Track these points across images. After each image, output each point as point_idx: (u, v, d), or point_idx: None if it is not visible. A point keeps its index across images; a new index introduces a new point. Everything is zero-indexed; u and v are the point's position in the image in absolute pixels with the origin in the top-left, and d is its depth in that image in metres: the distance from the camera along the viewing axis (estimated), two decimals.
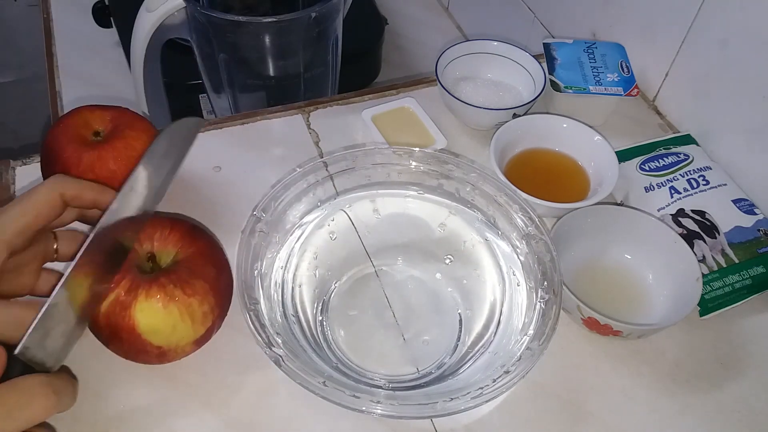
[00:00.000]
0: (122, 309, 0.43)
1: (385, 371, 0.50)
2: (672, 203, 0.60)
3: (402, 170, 0.56)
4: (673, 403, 0.51)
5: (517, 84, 0.73)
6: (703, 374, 0.53)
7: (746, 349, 0.55)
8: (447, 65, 0.72)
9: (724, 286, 0.56)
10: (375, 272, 0.56)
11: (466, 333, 0.52)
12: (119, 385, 0.49)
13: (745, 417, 0.51)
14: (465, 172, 0.55)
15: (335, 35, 0.90)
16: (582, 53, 0.72)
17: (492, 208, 0.55)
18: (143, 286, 0.44)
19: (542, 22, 0.95)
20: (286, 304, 0.51)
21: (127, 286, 0.44)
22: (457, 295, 0.55)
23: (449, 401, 0.42)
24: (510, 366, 0.44)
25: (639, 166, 0.64)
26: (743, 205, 0.60)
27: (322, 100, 0.73)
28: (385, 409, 0.41)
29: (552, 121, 0.66)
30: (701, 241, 0.58)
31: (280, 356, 0.43)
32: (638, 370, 0.53)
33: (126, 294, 0.43)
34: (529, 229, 0.52)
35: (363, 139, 0.69)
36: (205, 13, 0.78)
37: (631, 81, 0.69)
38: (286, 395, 0.49)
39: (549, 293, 0.48)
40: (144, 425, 0.47)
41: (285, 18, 0.78)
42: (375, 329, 0.53)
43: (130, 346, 0.45)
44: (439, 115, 0.71)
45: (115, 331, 0.44)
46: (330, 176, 0.55)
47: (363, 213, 0.58)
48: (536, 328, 0.47)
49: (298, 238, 0.55)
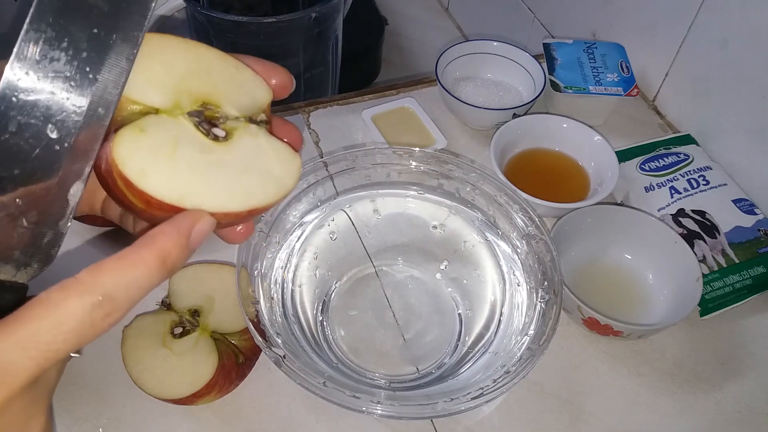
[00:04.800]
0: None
1: (385, 371, 0.50)
2: (672, 203, 0.60)
3: (402, 170, 0.56)
4: (673, 403, 0.51)
5: (517, 84, 0.73)
6: (703, 374, 0.53)
7: (746, 349, 0.55)
8: (447, 65, 0.72)
9: (725, 286, 0.56)
10: (375, 272, 0.56)
11: (467, 333, 0.52)
12: (119, 385, 0.49)
13: (745, 417, 0.51)
14: (465, 172, 0.55)
15: (335, 35, 0.90)
16: (582, 53, 0.72)
17: (492, 208, 0.55)
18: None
19: (542, 22, 0.95)
20: (286, 304, 0.51)
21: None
22: (457, 295, 0.55)
23: (449, 401, 0.42)
24: (510, 366, 0.44)
25: (639, 166, 0.64)
26: (743, 205, 0.60)
27: (322, 100, 0.73)
28: (385, 410, 0.41)
29: (552, 121, 0.66)
30: (701, 241, 0.58)
31: (280, 356, 0.43)
32: (638, 370, 0.53)
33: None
34: (529, 229, 0.52)
35: (363, 139, 0.69)
36: (205, 13, 0.78)
37: (631, 81, 0.69)
38: (286, 395, 0.49)
39: (549, 293, 0.48)
40: (143, 424, 0.47)
41: (285, 18, 0.78)
42: (375, 329, 0.53)
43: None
44: (439, 115, 0.71)
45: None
46: (330, 176, 0.55)
47: (363, 213, 0.58)
48: (536, 329, 0.47)
49: (298, 238, 0.55)
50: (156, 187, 0.27)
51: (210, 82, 0.30)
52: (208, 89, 0.30)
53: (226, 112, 0.30)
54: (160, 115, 0.28)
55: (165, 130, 0.28)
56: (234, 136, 0.30)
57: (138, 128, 0.27)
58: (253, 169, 0.30)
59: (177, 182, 0.27)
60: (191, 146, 0.28)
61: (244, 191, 0.29)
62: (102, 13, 0.26)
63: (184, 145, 0.28)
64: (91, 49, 0.27)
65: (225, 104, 0.30)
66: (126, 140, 0.27)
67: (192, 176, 0.28)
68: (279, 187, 0.30)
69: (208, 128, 0.29)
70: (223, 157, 0.29)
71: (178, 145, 0.28)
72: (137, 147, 0.27)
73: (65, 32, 0.26)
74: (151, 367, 0.45)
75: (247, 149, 0.30)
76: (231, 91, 0.30)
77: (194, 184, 0.28)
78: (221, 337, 0.48)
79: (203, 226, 0.28)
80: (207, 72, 0.30)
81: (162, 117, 0.28)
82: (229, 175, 0.29)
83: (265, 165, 0.30)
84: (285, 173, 0.31)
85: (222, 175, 0.29)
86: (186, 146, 0.28)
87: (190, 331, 0.47)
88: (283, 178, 0.30)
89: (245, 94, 0.31)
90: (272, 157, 0.31)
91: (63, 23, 0.26)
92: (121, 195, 0.27)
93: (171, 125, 0.28)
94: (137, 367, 0.46)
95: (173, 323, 0.48)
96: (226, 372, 0.46)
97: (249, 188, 0.29)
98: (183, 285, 0.50)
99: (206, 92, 0.30)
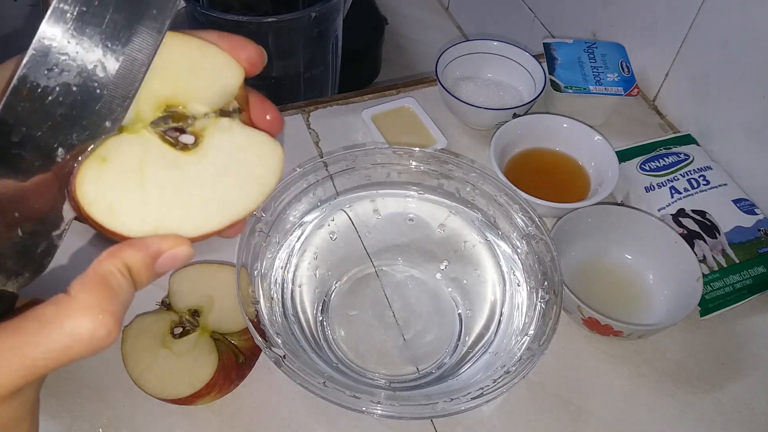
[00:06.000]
0: None
1: (385, 371, 0.50)
2: (672, 203, 0.60)
3: (402, 170, 0.56)
4: (673, 403, 0.51)
5: (517, 84, 0.73)
6: (703, 374, 0.53)
7: (746, 349, 0.55)
8: (447, 65, 0.72)
9: (725, 286, 0.56)
10: (375, 272, 0.56)
11: (467, 333, 0.52)
12: (119, 385, 0.49)
13: (745, 417, 0.51)
14: (465, 172, 0.55)
15: (335, 35, 0.90)
16: (582, 53, 0.72)
17: (492, 208, 0.55)
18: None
19: (542, 22, 0.95)
20: (286, 304, 0.51)
21: None
22: (457, 295, 0.55)
23: (449, 401, 0.42)
24: (510, 366, 0.44)
25: (639, 166, 0.64)
26: (743, 205, 0.60)
27: (322, 100, 0.73)
28: (385, 410, 0.41)
29: (552, 121, 0.66)
30: (702, 241, 0.57)
31: (280, 356, 0.43)
32: (638, 370, 0.53)
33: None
34: (529, 229, 0.52)
35: (363, 139, 0.69)
36: (205, 13, 0.78)
37: (632, 81, 0.69)
38: (286, 395, 0.49)
39: (549, 293, 0.48)
40: (143, 424, 0.47)
41: (285, 18, 0.78)
42: (375, 329, 0.53)
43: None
44: (439, 115, 0.71)
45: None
46: (330, 176, 0.55)
47: (363, 213, 0.57)
48: (537, 329, 0.47)
49: (298, 238, 0.55)
50: (126, 225, 0.25)
51: (171, 79, 0.27)
52: (171, 88, 0.27)
53: (193, 111, 0.28)
54: (122, 135, 0.26)
55: (128, 154, 0.26)
56: (205, 138, 0.27)
57: (99, 158, 0.26)
58: (231, 173, 0.27)
59: (148, 214, 0.26)
60: (159, 165, 0.26)
61: (222, 204, 0.27)
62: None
63: (150, 166, 0.26)
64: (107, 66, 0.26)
65: (191, 101, 0.28)
66: (89, 175, 0.25)
67: (163, 202, 0.26)
68: (261, 186, 0.28)
69: (176, 137, 0.27)
70: (195, 170, 0.27)
71: (144, 168, 0.26)
72: (101, 182, 0.25)
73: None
74: (151, 368, 0.45)
75: (220, 152, 0.27)
76: (196, 83, 0.28)
77: (167, 211, 0.26)
78: (221, 337, 0.48)
79: (177, 252, 0.27)
80: (167, 66, 0.27)
81: (123, 137, 0.26)
82: (204, 189, 0.27)
83: (243, 165, 0.28)
84: (266, 169, 0.28)
85: (196, 191, 0.27)
86: (153, 167, 0.26)
87: (190, 331, 0.47)
88: (264, 176, 0.28)
89: (213, 81, 0.28)
90: (250, 153, 0.28)
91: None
92: (95, 226, 0.26)
93: (134, 145, 0.26)
94: (137, 367, 0.46)
95: (173, 323, 0.48)
96: (226, 372, 0.46)
97: (228, 199, 0.27)
98: (183, 285, 0.50)
99: (169, 93, 0.27)
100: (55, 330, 0.24)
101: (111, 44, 0.25)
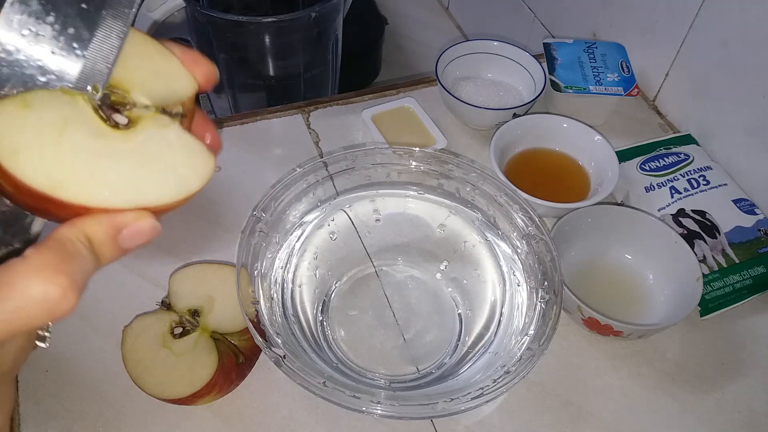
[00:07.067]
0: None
1: (385, 371, 0.50)
2: (672, 203, 0.60)
3: (402, 170, 0.56)
4: (673, 403, 0.51)
5: (517, 84, 0.73)
6: (703, 374, 0.53)
7: (746, 349, 0.55)
8: (447, 65, 0.72)
9: (725, 286, 0.56)
10: (375, 272, 0.56)
11: (467, 333, 0.52)
12: (119, 385, 0.49)
13: (745, 417, 0.51)
14: (465, 172, 0.55)
15: (335, 35, 0.90)
16: (582, 53, 0.72)
17: (492, 208, 0.55)
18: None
19: (542, 22, 0.95)
20: (286, 304, 0.51)
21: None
22: (457, 295, 0.55)
23: (449, 401, 0.42)
24: (510, 366, 0.44)
25: (639, 166, 0.64)
26: (743, 205, 0.60)
27: (322, 100, 0.73)
28: (385, 410, 0.41)
29: (552, 121, 0.66)
30: (702, 241, 0.57)
31: (280, 356, 0.43)
32: (638, 370, 0.53)
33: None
34: (529, 229, 0.52)
35: (363, 139, 0.69)
36: (205, 13, 0.78)
37: (632, 81, 0.69)
38: (286, 395, 0.49)
39: (549, 293, 0.48)
40: (143, 424, 0.47)
41: (285, 18, 0.78)
42: (375, 329, 0.53)
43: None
44: (439, 115, 0.71)
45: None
46: (330, 176, 0.55)
47: (363, 213, 0.57)
48: (537, 329, 0.47)
49: (298, 238, 0.55)
50: (26, 172, 0.23)
51: (123, 66, 0.27)
52: (120, 73, 0.27)
53: (134, 98, 0.27)
54: (55, 91, 0.25)
55: (55, 109, 0.25)
56: (139, 125, 0.26)
57: (23, 102, 0.24)
58: (153, 162, 0.26)
59: (53, 169, 0.24)
60: (82, 129, 0.25)
61: (134, 186, 0.25)
62: None
63: (73, 127, 0.25)
64: (80, 26, 0.25)
65: (136, 90, 0.27)
66: (5, 113, 0.24)
67: (74, 164, 0.24)
68: (180, 186, 0.26)
69: (109, 113, 0.26)
70: (118, 145, 0.26)
71: (67, 126, 0.25)
72: (16, 123, 0.24)
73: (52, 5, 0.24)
74: (151, 368, 0.45)
75: (150, 140, 0.26)
76: (146, 77, 0.27)
77: (74, 172, 0.24)
78: (221, 337, 0.48)
79: (141, 225, 0.25)
80: (122, 55, 0.26)
81: (56, 93, 0.25)
82: (121, 166, 0.25)
83: (169, 160, 0.27)
84: (191, 172, 0.27)
85: (112, 165, 0.25)
86: (75, 129, 0.25)
87: (190, 332, 0.47)
88: (187, 177, 0.27)
89: (163, 82, 0.28)
90: (179, 152, 0.27)
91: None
92: None
93: (64, 104, 0.25)
94: (137, 367, 0.46)
95: (173, 323, 0.48)
96: (226, 372, 0.46)
97: (141, 183, 0.26)
98: (183, 285, 0.50)
99: (117, 77, 0.27)
100: (5, 290, 0.23)
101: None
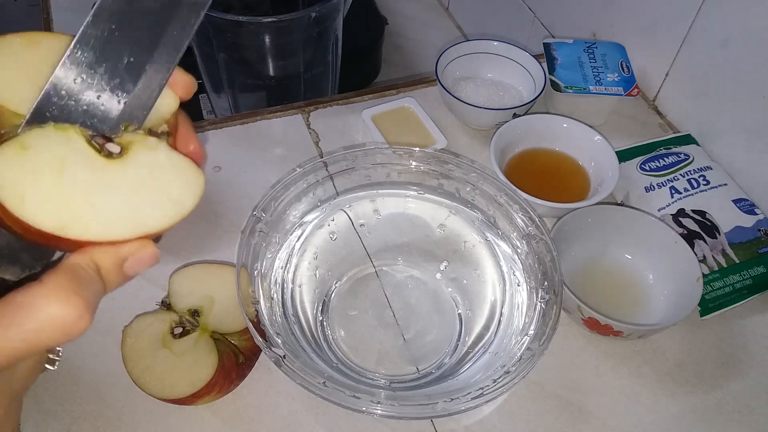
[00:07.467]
0: None
1: (385, 371, 0.50)
2: (672, 203, 0.60)
3: (402, 170, 0.56)
4: (673, 403, 0.51)
5: (517, 84, 0.73)
6: (703, 374, 0.53)
7: (746, 349, 0.55)
8: (447, 65, 0.72)
9: (725, 286, 0.56)
10: (375, 272, 0.56)
11: (467, 333, 0.52)
12: (119, 385, 0.49)
13: (745, 417, 0.51)
14: (465, 172, 0.55)
15: (335, 35, 0.90)
16: (582, 53, 0.72)
17: (492, 208, 0.55)
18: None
19: (542, 22, 0.95)
20: (286, 304, 0.51)
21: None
22: (457, 295, 0.55)
23: (449, 401, 0.42)
24: (510, 366, 0.44)
25: (639, 166, 0.64)
26: (743, 205, 0.60)
27: (322, 100, 0.73)
28: (385, 410, 0.41)
29: (552, 121, 0.66)
30: (702, 241, 0.57)
31: (280, 356, 0.43)
32: (638, 370, 0.53)
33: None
34: (529, 229, 0.52)
35: (363, 139, 0.69)
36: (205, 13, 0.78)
37: (632, 81, 0.69)
38: (286, 395, 0.49)
39: (549, 293, 0.48)
40: (143, 424, 0.47)
41: (285, 18, 0.78)
42: (375, 329, 0.53)
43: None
44: (439, 115, 0.71)
45: None
46: (330, 176, 0.55)
47: (363, 213, 0.58)
48: (537, 329, 0.47)
49: (298, 238, 0.55)
50: (34, 216, 0.24)
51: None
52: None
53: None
54: (47, 127, 0.26)
55: (51, 147, 0.25)
56: (131, 151, 0.27)
57: (20, 145, 0.25)
58: (149, 189, 0.27)
59: (58, 209, 0.25)
60: (80, 166, 0.26)
61: (135, 216, 0.27)
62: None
63: (71, 164, 0.26)
64: (125, 77, 0.28)
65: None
66: (5, 159, 0.24)
67: (77, 201, 0.25)
68: (176, 208, 0.28)
69: (102, 143, 0.27)
70: (115, 177, 0.27)
71: (65, 164, 0.25)
72: (18, 167, 0.25)
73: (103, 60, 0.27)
74: (151, 368, 0.45)
75: (143, 167, 0.28)
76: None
77: (78, 210, 0.25)
78: (221, 337, 0.48)
79: (144, 255, 0.27)
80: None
81: (49, 130, 0.26)
82: (120, 197, 0.26)
83: (162, 183, 0.28)
84: (184, 193, 0.28)
85: (112, 198, 0.26)
86: (74, 166, 0.26)
87: (190, 332, 0.47)
88: (181, 199, 0.28)
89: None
90: (170, 174, 0.28)
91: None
92: (1, 213, 0.25)
93: (59, 140, 0.26)
94: (137, 367, 0.46)
95: (173, 323, 0.48)
96: (226, 372, 0.46)
97: (141, 212, 0.27)
98: (183, 285, 0.50)
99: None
100: (25, 311, 0.24)
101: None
